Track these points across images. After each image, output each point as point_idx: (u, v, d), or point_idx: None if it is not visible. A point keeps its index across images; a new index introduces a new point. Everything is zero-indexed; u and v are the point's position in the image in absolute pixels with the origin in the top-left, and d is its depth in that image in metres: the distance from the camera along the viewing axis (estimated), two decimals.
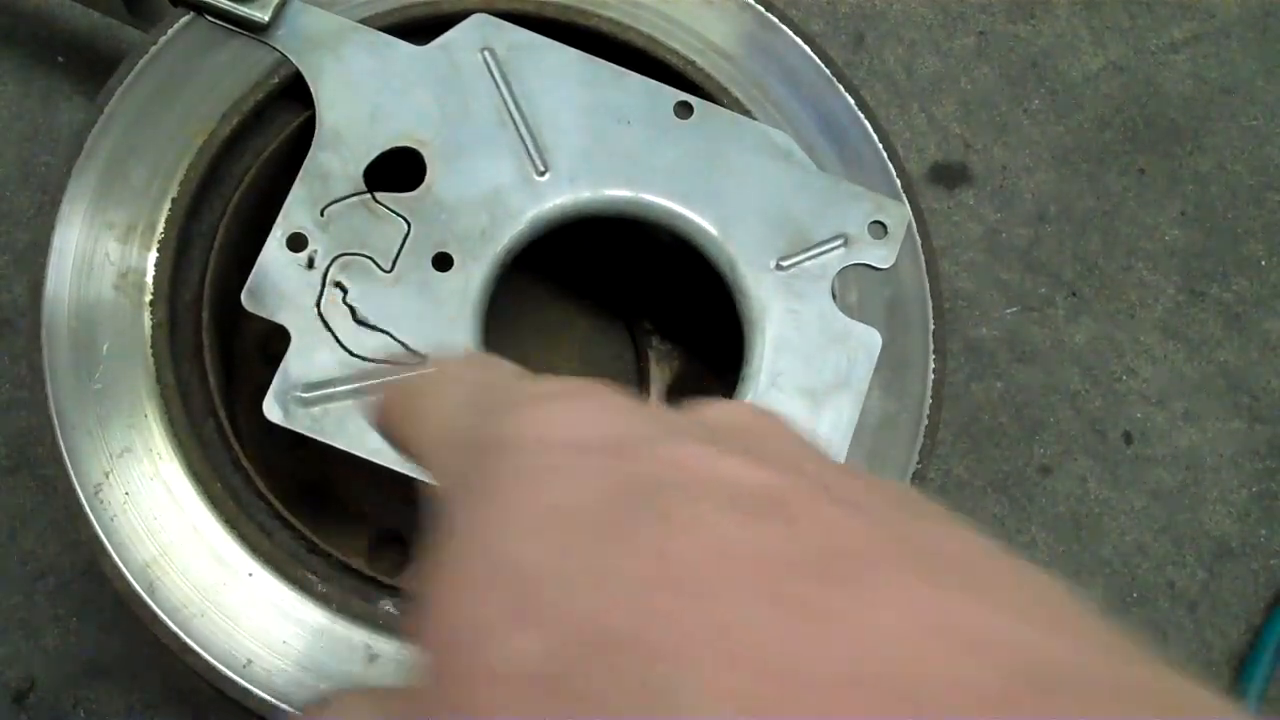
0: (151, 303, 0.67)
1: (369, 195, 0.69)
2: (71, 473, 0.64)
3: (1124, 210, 0.96)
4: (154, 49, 0.71)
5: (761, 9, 0.77)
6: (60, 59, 0.87)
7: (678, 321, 0.84)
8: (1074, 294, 0.93)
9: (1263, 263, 0.96)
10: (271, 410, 0.65)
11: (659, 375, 0.84)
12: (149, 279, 0.67)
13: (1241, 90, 1.01)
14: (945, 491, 0.83)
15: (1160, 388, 0.92)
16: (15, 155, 0.84)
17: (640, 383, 0.84)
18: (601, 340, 0.84)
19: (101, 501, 0.64)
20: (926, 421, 0.72)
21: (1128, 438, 0.90)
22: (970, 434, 0.87)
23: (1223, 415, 0.93)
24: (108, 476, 0.64)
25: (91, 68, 0.87)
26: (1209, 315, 0.94)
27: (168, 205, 0.68)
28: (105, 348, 0.67)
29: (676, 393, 0.83)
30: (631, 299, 0.84)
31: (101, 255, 0.67)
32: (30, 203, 0.83)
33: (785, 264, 0.71)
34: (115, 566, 0.62)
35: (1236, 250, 0.96)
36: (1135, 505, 0.90)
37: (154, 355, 0.66)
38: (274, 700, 0.62)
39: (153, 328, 0.67)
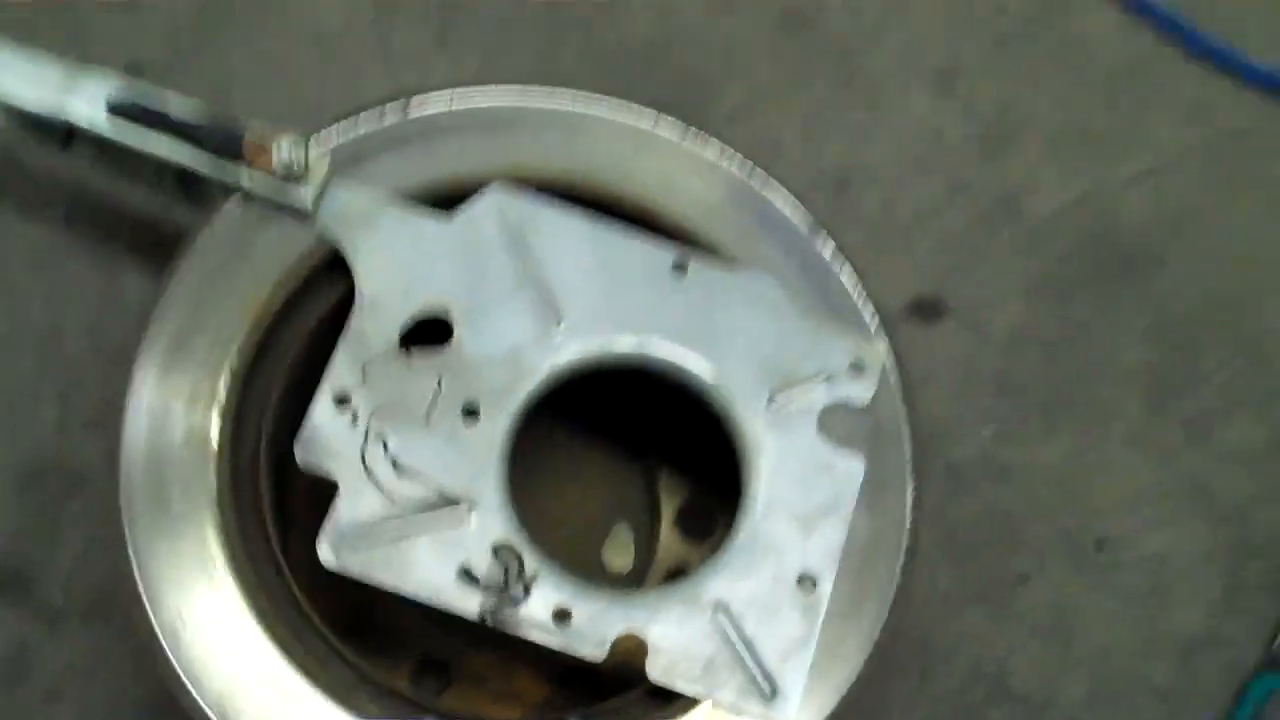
0: (216, 460, 0.76)
1: (405, 351, 0.78)
2: (150, 612, 0.73)
3: (1089, 335, 1.04)
4: (210, 230, 0.81)
5: (748, 165, 0.86)
6: (123, 237, 0.97)
7: (684, 454, 0.92)
8: (1045, 414, 1.01)
9: (1217, 377, 1.04)
10: (324, 554, 0.73)
11: (669, 505, 0.92)
12: (213, 438, 0.76)
13: (1192, 218, 1.10)
14: (930, 604, 0.91)
15: (1127, 497, 1.00)
16: (85, 324, 0.94)
17: (652, 512, 0.93)
18: (615, 475, 0.93)
19: (177, 638, 0.72)
20: (907, 540, 0.81)
21: (1099, 545, 0.98)
22: (951, 549, 0.94)
23: (1187, 519, 1.00)
24: (181, 615, 0.73)
25: (151, 244, 0.96)
26: (1171, 428, 1.02)
27: (226, 374, 0.78)
28: (175, 499, 0.76)
29: (686, 518, 0.92)
30: (641, 437, 0.93)
31: (171, 418, 0.77)
32: (98, 370, 0.92)
33: (775, 402, 0.80)
34: (193, 700, 0.71)
35: (1194, 366, 1.04)
36: (1108, 607, 0.97)
37: (219, 507, 0.75)
38: None
39: (218, 483, 0.76)
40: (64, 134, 0.85)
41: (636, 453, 0.94)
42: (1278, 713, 0.95)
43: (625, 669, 0.75)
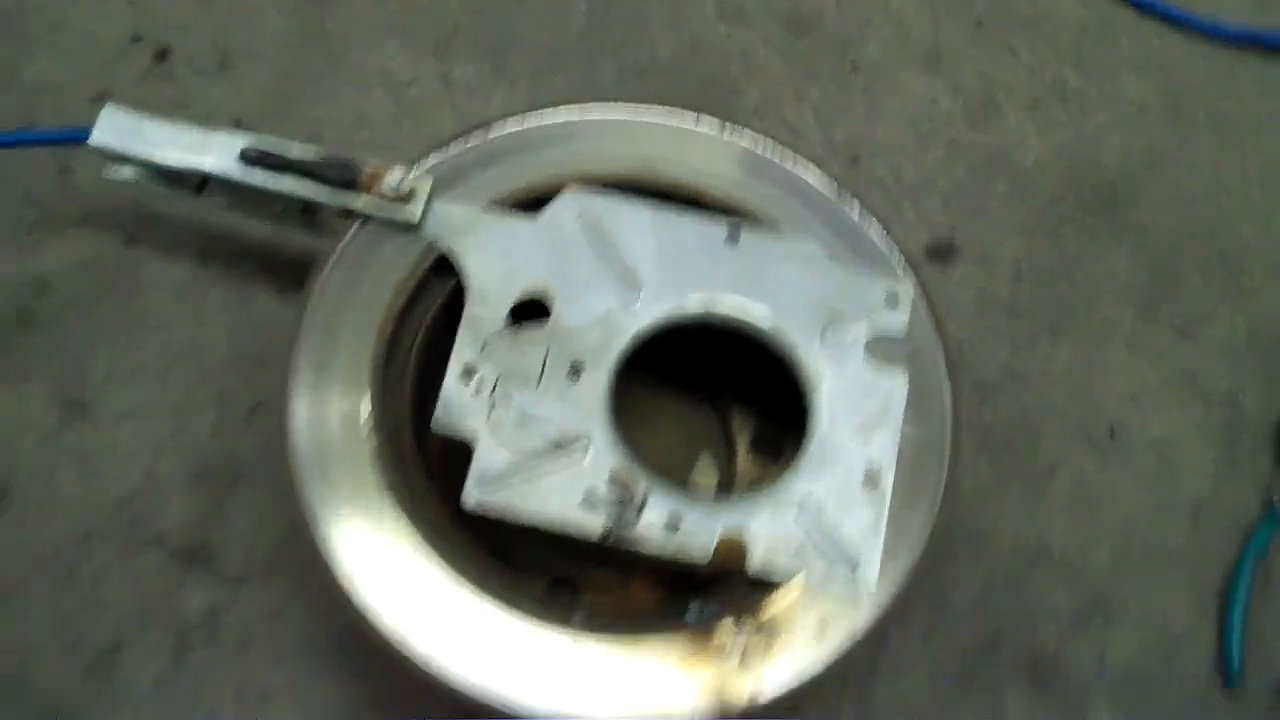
0: (369, 432, 0.92)
1: (515, 328, 0.94)
2: (329, 561, 0.88)
3: (1082, 261, 1.19)
4: (337, 252, 0.96)
5: (779, 148, 1.02)
6: (251, 266, 1.10)
7: (749, 395, 1.07)
8: (1052, 331, 1.16)
9: (1197, 286, 1.19)
10: (470, 498, 0.88)
11: (741, 436, 1.07)
12: (363, 416, 0.92)
13: (1162, 158, 1.25)
14: (974, 494, 1.05)
15: (1131, 392, 1.14)
16: (226, 343, 1.08)
17: (728, 443, 1.08)
18: (693, 417, 1.07)
19: (353, 580, 0.88)
20: (950, 443, 0.96)
21: (1111, 433, 1.13)
22: (987, 448, 1.08)
23: (1184, 405, 1.15)
24: (357, 558, 0.88)
25: (276, 270, 1.10)
26: (1162, 331, 1.17)
27: (367, 365, 0.93)
28: (340, 467, 0.90)
29: (757, 445, 1.07)
30: (711, 384, 1.08)
31: (327, 406, 0.92)
32: (241, 379, 1.06)
33: (826, 339, 0.96)
34: (376, 629, 0.87)
35: (1177, 279, 1.19)
36: (1124, 484, 1.11)
37: (377, 466, 0.91)
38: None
39: (373, 449, 0.91)
40: (198, 184, 1.00)
41: (709, 397, 1.08)
42: (1277, 556, 1.10)
43: (724, 569, 0.90)
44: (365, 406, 0.92)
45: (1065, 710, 1.03)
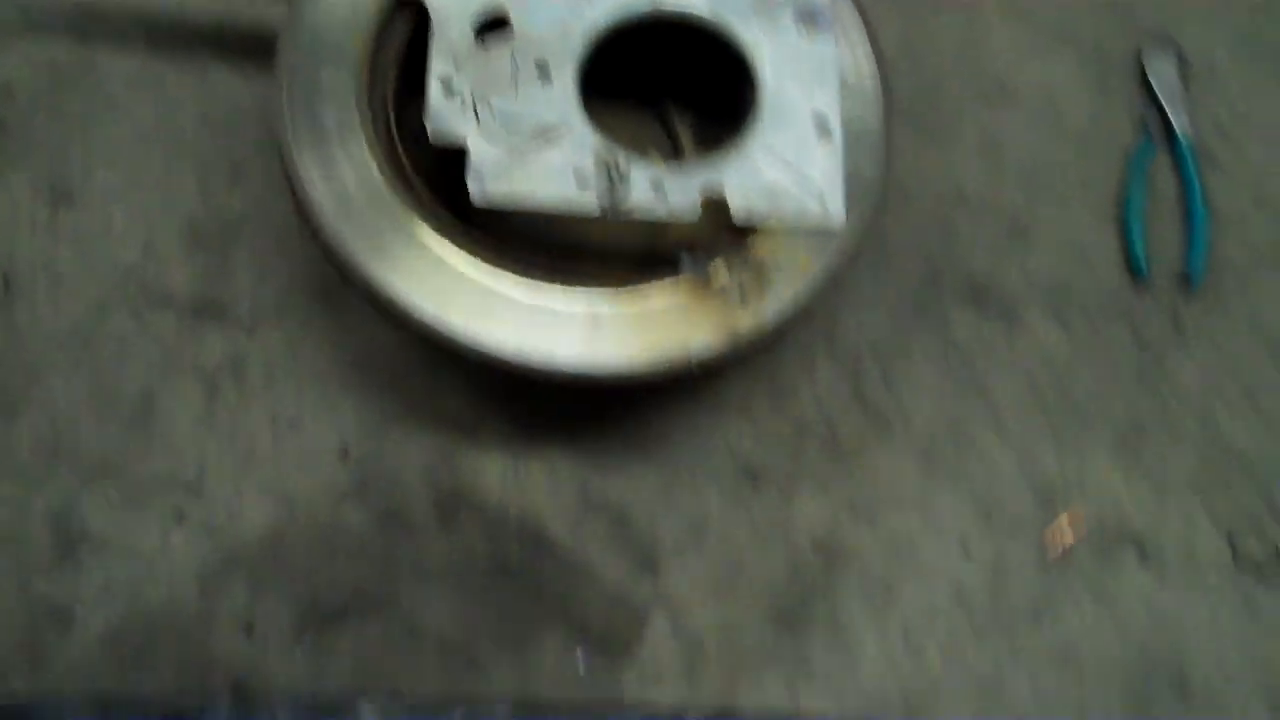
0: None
1: (481, 41, 1.02)
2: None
3: None
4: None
5: None
6: (200, 47, 1.16)
7: (688, 93, 1.17)
8: (936, 10, 1.29)
9: None
10: (474, 190, 0.95)
11: (684, 132, 1.17)
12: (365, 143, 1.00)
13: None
14: (896, 152, 1.11)
15: (1011, 47, 1.29)
16: (193, 115, 1.14)
17: (673, 143, 1.17)
18: (637, 120, 1.17)
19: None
20: (883, 102, 1.09)
21: (1000, 86, 1.27)
22: (899, 113, 1.12)
23: (1056, 54, 1.29)
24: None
25: (229, 45, 1.16)
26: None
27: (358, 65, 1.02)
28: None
29: (700, 138, 1.17)
30: (653, 92, 1.18)
31: (329, 145, 1.00)
32: (218, 145, 1.13)
33: (760, 15, 1.05)
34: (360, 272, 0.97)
35: None
36: (1018, 125, 1.26)
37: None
38: None
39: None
40: None
41: (648, 102, 1.19)
42: (1163, 167, 1.26)
43: (712, 223, 1.01)
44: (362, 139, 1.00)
45: (1003, 319, 1.17)
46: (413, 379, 1.09)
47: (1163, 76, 1.28)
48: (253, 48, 1.15)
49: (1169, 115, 1.26)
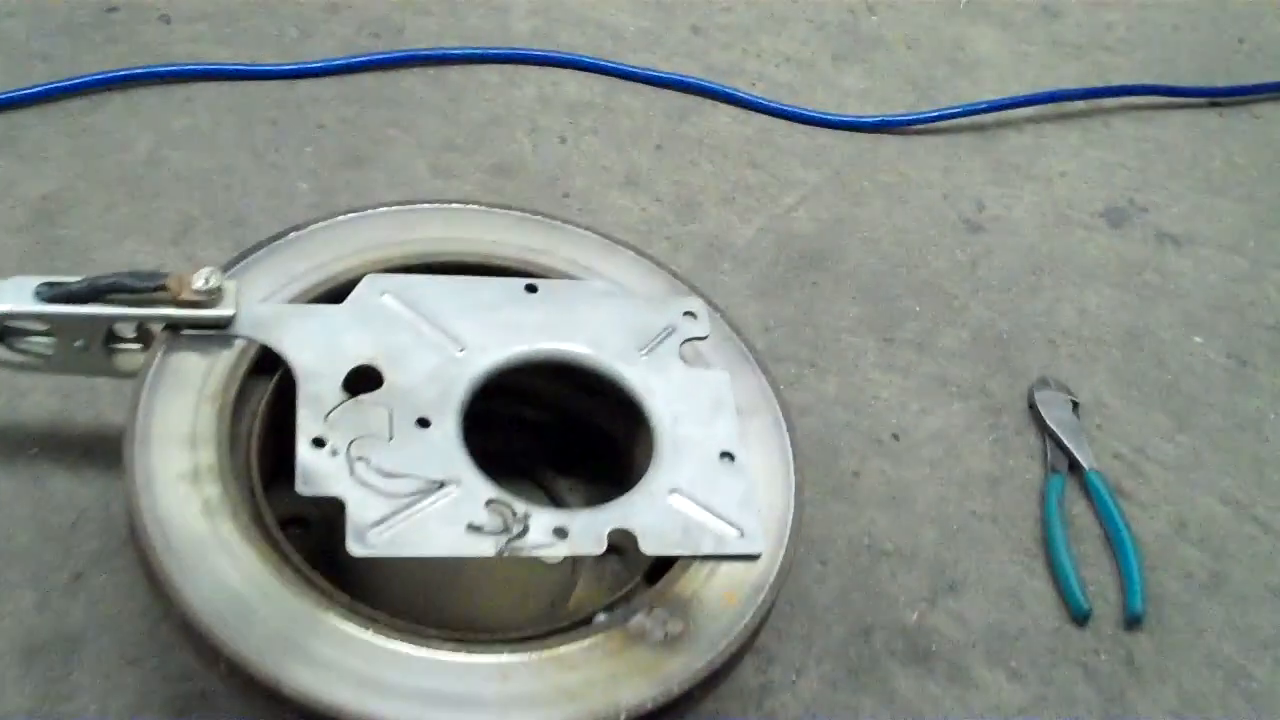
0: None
1: (354, 399, 0.94)
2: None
3: (815, 309, 1.31)
4: (155, 362, 0.92)
5: (543, 217, 1.09)
6: (40, 448, 1.05)
7: (570, 461, 1.10)
8: (813, 365, 1.26)
9: (918, 311, 1.34)
10: (355, 549, 0.84)
11: (574, 502, 1.08)
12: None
13: (846, 220, 1.42)
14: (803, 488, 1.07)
15: (897, 400, 1.25)
16: (30, 524, 1.02)
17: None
18: (523, 496, 1.08)
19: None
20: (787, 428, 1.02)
21: (895, 437, 1.22)
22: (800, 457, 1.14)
23: (945, 403, 1.26)
24: None
25: (66, 446, 1.06)
26: (903, 351, 1.30)
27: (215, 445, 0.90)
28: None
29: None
30: (531, 461, 1.10)
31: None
32: (57, 553, 1.00)
33: (643, 354, 1.01)
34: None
35: (898, 310, 1.33)
36: (922, 475, 1.20)
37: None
38: None
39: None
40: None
41: (529, 476, 1.10)
42: (1075, 501, 1.21)
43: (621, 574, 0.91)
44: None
45: (949, 675, 1.06)
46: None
47: (1057, 414, 1.26)
48: (92, 448, 1.05)
49: (1072, 451, 1.23)
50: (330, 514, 0.88)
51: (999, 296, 1.39)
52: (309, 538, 0.96)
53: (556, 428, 1.10)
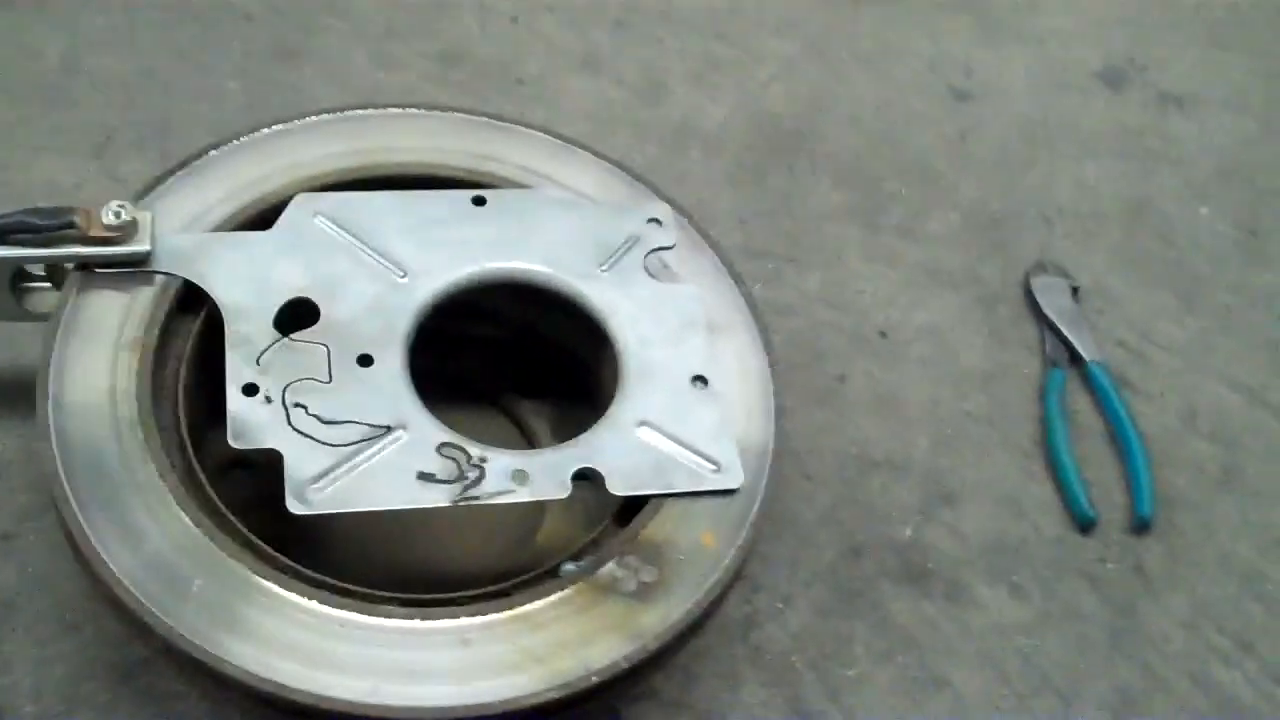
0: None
1: (286, 338, 0.85)
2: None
3: (794, 197, 1.23)
4: (66, 309, 0.84)
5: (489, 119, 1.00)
6: None
7: (534, 383, 1.02)
8: (793, 260, 1.18)
9: (904, 194, 1.26)
10: (294, 507, 0.77)
11: (540, 426, 1.01)
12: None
13: (825, 96, 1.33)
14: (783, 412, 0.96)
15: (884, 295, 1.18)
16: None
17: (527, 437, 1.01)
18: (485, 423, 1.01)
19: None
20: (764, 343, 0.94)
21: (883, 334, 1.15)
22: (781, 373, 1.06)
23: (934, 294, 1.19)
24: None
25: None
26: (889, 238, 1.22)
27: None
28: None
29: (561, 433, 1.01)
30: (493, 384, 1.03)
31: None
32: None
33: (605, 269, 0.92)
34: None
35: (883, 193, 1.25)
36: (912, 375, 1.13)
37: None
38: None
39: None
40: None
41: (492, 400, 1.03)
42: (1076, 396, 1.14)
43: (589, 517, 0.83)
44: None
45: (947, 594, 1.00)
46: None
47: (1056, 301, 1.18)
48: (11, 393, 0.98)
49: (1072, 341, 1.16)
50: (275, 456, 0.81)
51: (990, 173, 1.31)
52: (254, 482, 0.88)
53: (517, 346, 1.02)
